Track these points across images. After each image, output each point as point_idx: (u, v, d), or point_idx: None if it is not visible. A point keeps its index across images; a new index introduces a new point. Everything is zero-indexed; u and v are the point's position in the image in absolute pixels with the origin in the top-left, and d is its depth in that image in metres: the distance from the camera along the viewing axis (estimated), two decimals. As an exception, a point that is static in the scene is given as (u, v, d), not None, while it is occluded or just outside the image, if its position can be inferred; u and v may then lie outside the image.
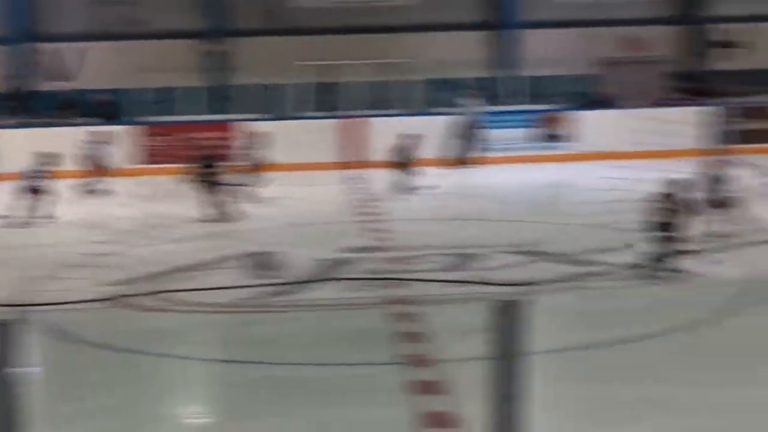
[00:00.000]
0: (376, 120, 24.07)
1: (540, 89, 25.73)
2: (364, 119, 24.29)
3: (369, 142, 23.29)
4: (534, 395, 4.18)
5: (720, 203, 13.93)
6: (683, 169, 14.07)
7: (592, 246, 13.73)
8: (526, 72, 26.94)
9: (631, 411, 7.89)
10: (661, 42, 28.22)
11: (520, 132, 24.29)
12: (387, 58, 26.94)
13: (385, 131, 21.82)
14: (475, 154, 22.95)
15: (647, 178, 16.89)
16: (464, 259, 13.53)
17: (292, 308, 11.40)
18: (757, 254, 13.13)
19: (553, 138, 24.60)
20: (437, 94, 26.37)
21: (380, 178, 19.80)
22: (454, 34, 27.36)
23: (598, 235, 14.39)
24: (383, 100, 26.56)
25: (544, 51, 26.54)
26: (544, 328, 8.59)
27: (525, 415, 4.26)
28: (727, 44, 28.58)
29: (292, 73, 26.19)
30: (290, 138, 22.11)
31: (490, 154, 23.32)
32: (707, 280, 11.91)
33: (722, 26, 28.45)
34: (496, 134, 24.16)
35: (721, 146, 24.15)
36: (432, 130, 21.64)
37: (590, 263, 12.92)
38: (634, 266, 12.05)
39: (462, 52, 27.01)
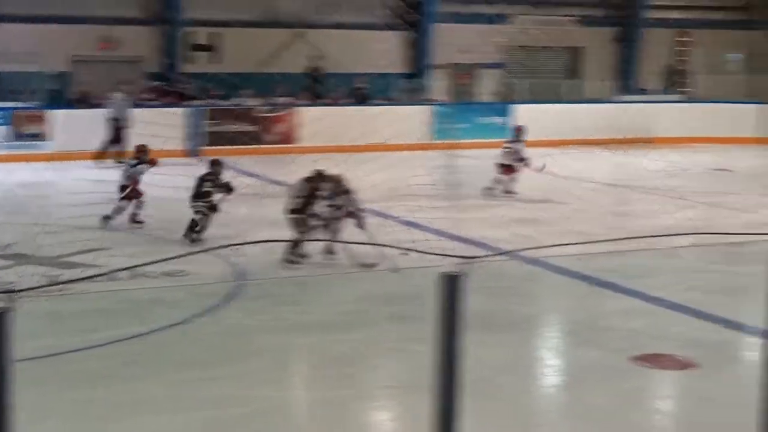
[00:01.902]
0: None
1: (12, 85, 24.79)
2: None
3: None
4: (23, 404, 4.12)
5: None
6: (166, 171, 14.34)
7: (74, 248, 13.50)
8: (-1, 67, 25.83)
9: (113, 411, 8.03)
10: (137, 42, 28.39)
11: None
12: None
13: None
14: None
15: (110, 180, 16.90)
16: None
17: None
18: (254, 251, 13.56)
19: (26, 137, 23.89)
20: None
21: None
22: None
23: (78, 236, 14.20)
24: None
25: (16, 45, 25.61)
26: (30, 333, 8.36)
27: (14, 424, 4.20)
28: (201, 47, 29.47)
29: None
30: None
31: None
32: (203, 279, 12.24)
33: (196, 29, 29.26)
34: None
35: (197, 147, 24.97)
36: None
37: (73, 265, 12.73)
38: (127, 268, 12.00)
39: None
